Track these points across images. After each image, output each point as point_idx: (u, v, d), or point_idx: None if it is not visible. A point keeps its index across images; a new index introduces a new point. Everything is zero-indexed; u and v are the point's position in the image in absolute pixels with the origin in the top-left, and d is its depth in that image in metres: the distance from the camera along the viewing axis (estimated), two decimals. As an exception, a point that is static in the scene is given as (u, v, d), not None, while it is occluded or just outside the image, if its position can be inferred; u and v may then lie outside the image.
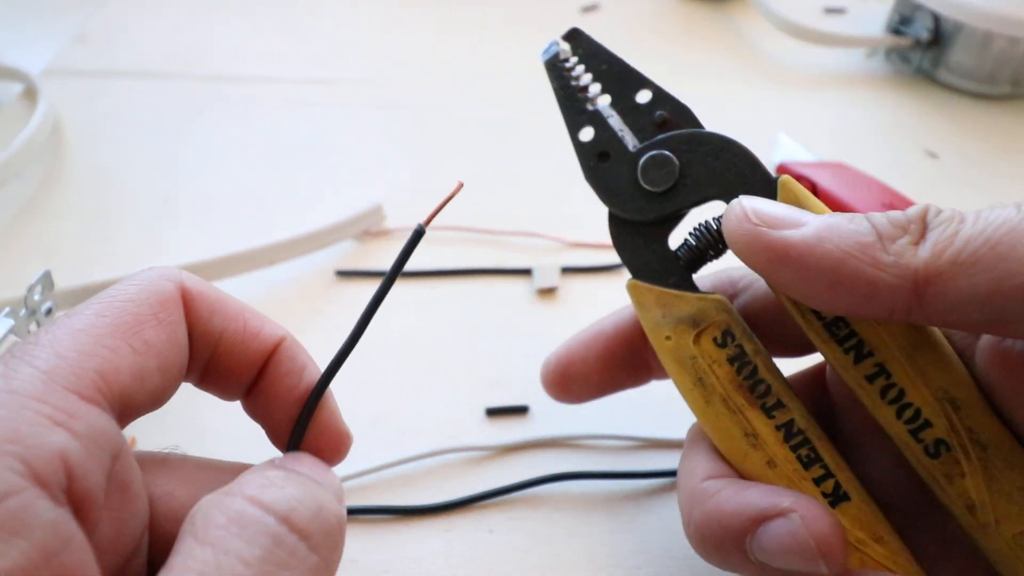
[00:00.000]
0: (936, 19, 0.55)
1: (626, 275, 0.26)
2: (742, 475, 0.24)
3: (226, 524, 0.16)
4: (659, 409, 0.34)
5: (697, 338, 0.24)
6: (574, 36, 0.26)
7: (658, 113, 0.25)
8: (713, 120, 0.26)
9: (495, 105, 0.53)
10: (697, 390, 0.24)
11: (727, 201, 0.24)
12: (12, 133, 0.46)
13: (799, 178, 0.44)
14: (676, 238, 0.25)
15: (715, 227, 0.25)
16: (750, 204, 0.22)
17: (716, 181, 0.25)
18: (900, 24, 0.58)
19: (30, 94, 0.52)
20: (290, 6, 0.64)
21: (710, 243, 0.25)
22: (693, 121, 0.25)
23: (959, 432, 0.22)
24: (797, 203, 0.23)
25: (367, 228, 0.42)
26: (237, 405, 0.22)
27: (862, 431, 0.26)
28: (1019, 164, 0.50)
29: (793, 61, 0.60)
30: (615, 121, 0.26)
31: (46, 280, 0.33)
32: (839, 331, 0.23)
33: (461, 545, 0.29)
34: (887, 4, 0.61)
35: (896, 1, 0.58)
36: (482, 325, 0.38)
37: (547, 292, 0.40)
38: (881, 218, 0.20)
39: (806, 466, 0.23)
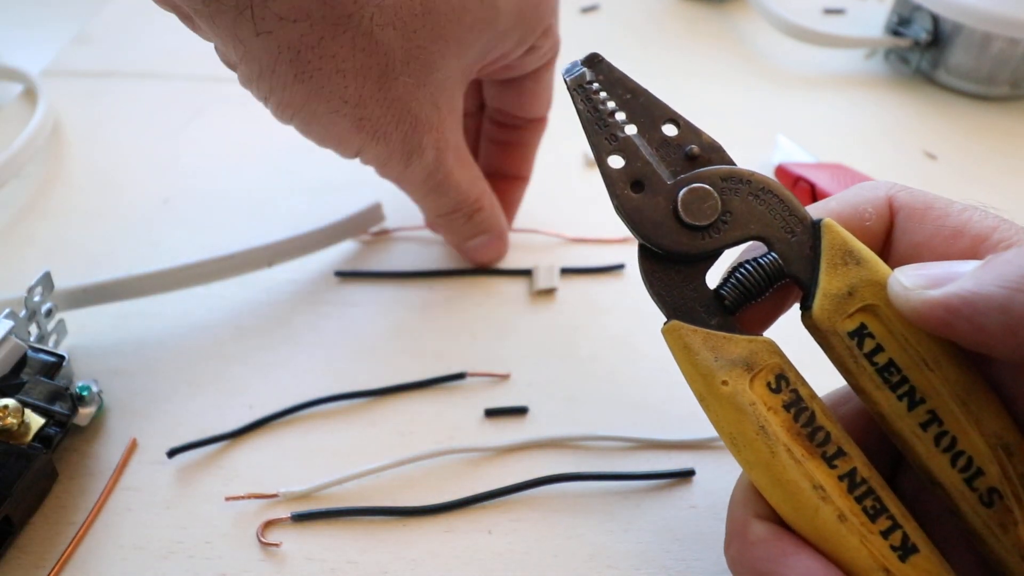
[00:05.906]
0: (935, 20, 0.55)
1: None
2: (810, 532, 0.22)
3: None
4: (658, 410, 0.34)
5: (751, 383, 0.22)
6: (595, 61, 0.25)
7: (689, 147, 0.24)
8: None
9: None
10: (760, 439, 0.22)
11: (768, 243, 0.24)
12: (12, 133, 0.46)
13: (797, 179, 0.44)
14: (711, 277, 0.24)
15: (767, 264, 0.23)
16: (903, 275, 0.21)
17: (757, 221, 0.23)
18: (899, 25, 0.58)
19: (30, 95, 0.52)
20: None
21: (761, 282, 0.23)
22: (725, 158, 0.24)
23: (1012, 479, 0.21)
24: (844, 245, 0.23)
25: (367, 228, 0.42)
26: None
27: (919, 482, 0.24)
28: (1018, 165, 0.50)
29: (792, 62, 0.60)
30: (646, 151, 0.24)
31: (46, 281, 0.33)
32: (892, 376, 0.22)
33: (460, 546, 0.30)
34: (886, 5, 0.61)
35: (895, 2, 0.58)
36: (482, 325, 0.38)
37: (547, 293, 0.40)
38: None
39: (872, 518, 0.21)
